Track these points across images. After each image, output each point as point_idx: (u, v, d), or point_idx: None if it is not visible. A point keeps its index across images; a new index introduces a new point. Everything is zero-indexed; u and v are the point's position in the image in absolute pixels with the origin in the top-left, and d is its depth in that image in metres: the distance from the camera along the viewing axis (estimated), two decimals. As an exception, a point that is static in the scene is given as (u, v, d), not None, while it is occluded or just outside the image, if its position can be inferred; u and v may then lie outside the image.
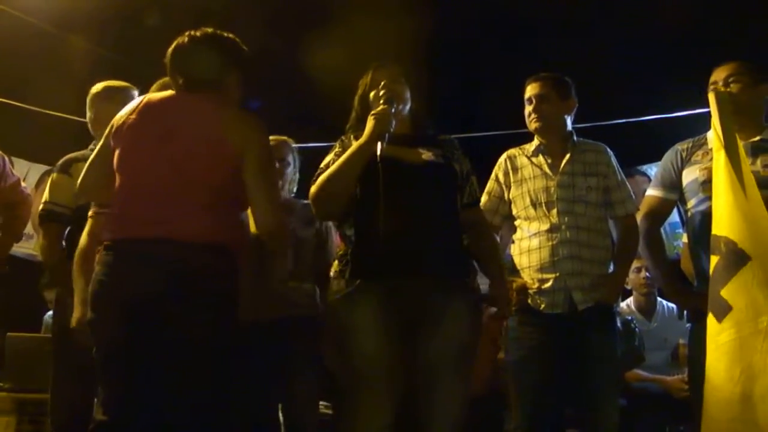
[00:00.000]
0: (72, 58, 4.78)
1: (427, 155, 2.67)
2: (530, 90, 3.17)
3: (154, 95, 2.66)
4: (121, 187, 2.52)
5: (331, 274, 2.68)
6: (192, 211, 2.44)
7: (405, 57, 2.94)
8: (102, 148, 2.64)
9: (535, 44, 4.98)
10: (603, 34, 4.76)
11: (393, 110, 2.60)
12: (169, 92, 2.63)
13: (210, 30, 2.66)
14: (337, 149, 2.74)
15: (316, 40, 4.88)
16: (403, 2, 4.50)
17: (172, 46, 2.63)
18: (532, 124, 3.17)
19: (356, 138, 2.67)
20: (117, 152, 2.55)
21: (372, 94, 2.70)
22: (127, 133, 2.54)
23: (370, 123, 2.57)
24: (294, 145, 3.57)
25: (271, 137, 3.48)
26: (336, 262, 2.69)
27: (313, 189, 2.66)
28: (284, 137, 3.54)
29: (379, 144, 2.52)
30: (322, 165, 2.71)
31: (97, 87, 3.46)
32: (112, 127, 2.60)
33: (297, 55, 5.13)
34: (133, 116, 2.56)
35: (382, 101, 2.62)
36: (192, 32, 2.64)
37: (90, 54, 4.89)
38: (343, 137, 2.80)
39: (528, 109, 3.17)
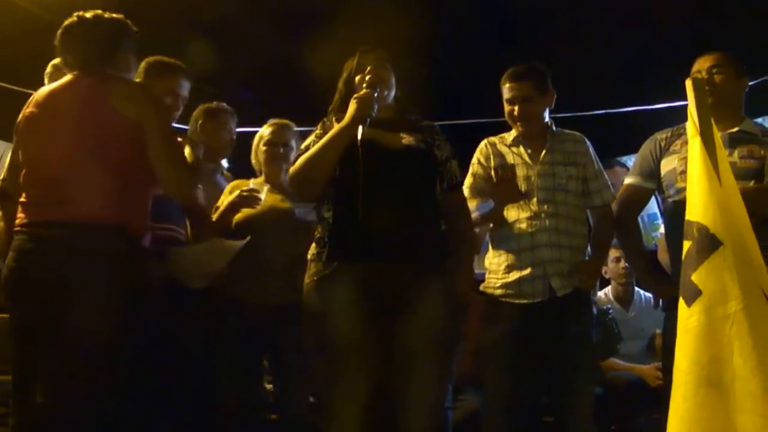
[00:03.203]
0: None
1: (407, 140, 2.68)
2: (511, 90, 3.12)
3: (49, 85, 2.69)
4: (25, 176, 2.58)
5: (309, 256, 2.69)
6: (86, 191, 2.46)
7: (392, 41, 2.94)
8: (14, 146, 2.72)
9: (517, 34, 4.98)
10: (584, 26, 4.77)
11: (376, 94, 2.61)
12: (65, 78, 2.65)
13: (98, 11, 2.68)
14: (318, 131, 2.75)
15: (308, 26, 4.87)
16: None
17: (61, 29, 2.65)
18: (516, 125, 3.17)
19: (338, 120, 2.68)
20: (21, 146, 2.63)
21: (357, 78, 2.71)
22: (25, 126, 2.60)
23: (352, 106, 2.59)
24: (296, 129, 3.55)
25: (274, 121, 3.50)
26: (313, 245, 2.69)
27: (291, 170, 2.68)
28: (286, 121, 3.53)
29: (360, 128, 2.53)
30: (302, 146, 2.74)
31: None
32: (18, 124, 2.65)
33: (289, 42, 5.12)
34: (29, 108, 2.61)
35: (365, 85, 2.64)
36: (80, 14, 2.66)
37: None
38: (325, 119, 2.80)
39: (509, 108, 3.14)
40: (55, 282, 2.36)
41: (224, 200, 3.24)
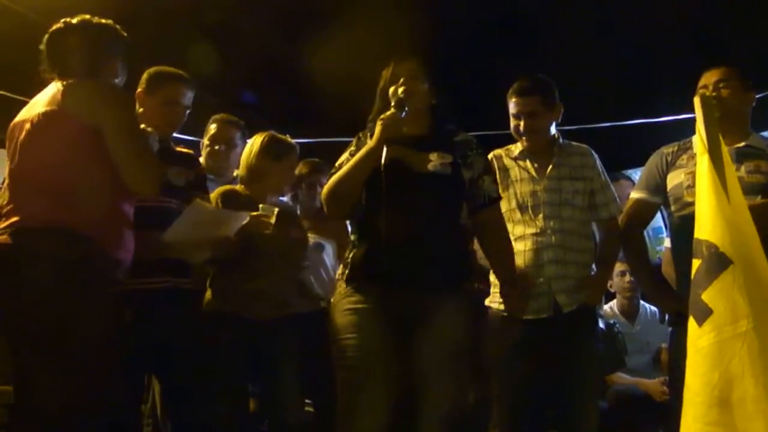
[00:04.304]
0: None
1: (434, 163, 2.65)
2: (517, 105, 3.12)
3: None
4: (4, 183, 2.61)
5: (336, 276, 2.78)
6: (28, 195, 2.45)
7: (405, 52, 2.92)
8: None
9: (524, 47, 4.97)
10: (591, 38, 4.76)
11: (403, 114, 2.61)
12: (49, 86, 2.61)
13: (86, 17, 2.64)
14: (352, 148, 2.79)
15: (316, 34, 4.86)
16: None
17: (46, 36, 2.62)
18: (522, 140, 3.16)
19: (372, 136, 2.68)
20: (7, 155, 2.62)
21: (390, 90, 2.71)
22: (7, 136, 2.60)
23: (377, 128, 2.59)
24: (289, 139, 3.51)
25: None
26: (342, 265, 2.77)
27: (324, 188, 2.74)
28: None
29: (384, 149, 2.54)
30: (336, 164, 2.78)
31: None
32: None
33: (297, 51, 5.10)
34: (15, 119, 2.59)
35: (393, 103, 2.63)
36: (66, 20, 2.63)
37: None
38: (360, 134, 2.83)
39: (515, 123, 3.14)
40: (7, 286, 2.36)
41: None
